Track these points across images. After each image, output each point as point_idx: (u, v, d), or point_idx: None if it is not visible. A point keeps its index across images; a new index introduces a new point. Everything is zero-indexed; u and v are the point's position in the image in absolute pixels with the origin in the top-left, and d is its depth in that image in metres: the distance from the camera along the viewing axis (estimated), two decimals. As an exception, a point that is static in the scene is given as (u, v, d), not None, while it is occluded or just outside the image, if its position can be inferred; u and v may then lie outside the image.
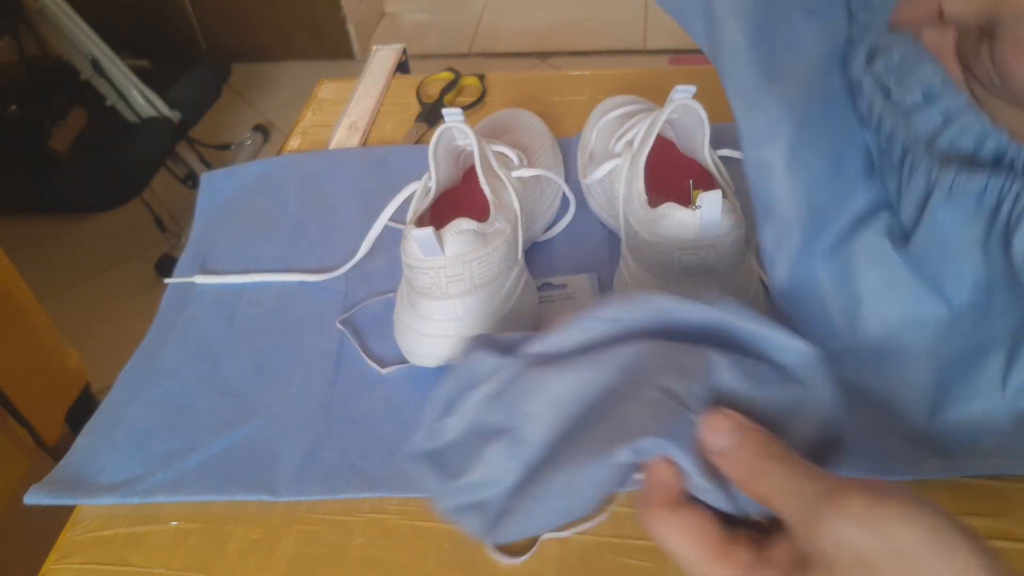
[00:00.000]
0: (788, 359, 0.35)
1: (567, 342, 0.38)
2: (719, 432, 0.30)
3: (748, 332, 0.36)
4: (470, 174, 0.57)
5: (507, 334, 0.41)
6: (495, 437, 0.37)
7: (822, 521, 0.25)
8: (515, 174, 0.55)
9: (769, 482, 0.28)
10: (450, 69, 0.82)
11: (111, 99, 1.75)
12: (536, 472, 0.36)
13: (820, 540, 0.25)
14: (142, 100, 1.77)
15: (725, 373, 0.34)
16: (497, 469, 0.36)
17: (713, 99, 0.52)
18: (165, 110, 1.79)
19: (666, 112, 0.51)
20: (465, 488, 0.37)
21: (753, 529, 0.30)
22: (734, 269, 0.47)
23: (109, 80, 1.72)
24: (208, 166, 1.87)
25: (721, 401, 0.34)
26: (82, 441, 0.51)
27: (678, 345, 0.36)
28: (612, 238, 0.60)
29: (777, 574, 0.26)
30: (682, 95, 0.52)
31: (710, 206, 0.44)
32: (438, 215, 0.53)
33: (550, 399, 0.37)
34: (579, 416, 0.36)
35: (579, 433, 0.36)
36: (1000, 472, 0.43)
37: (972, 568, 0.23)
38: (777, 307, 0.42)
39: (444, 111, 0.52)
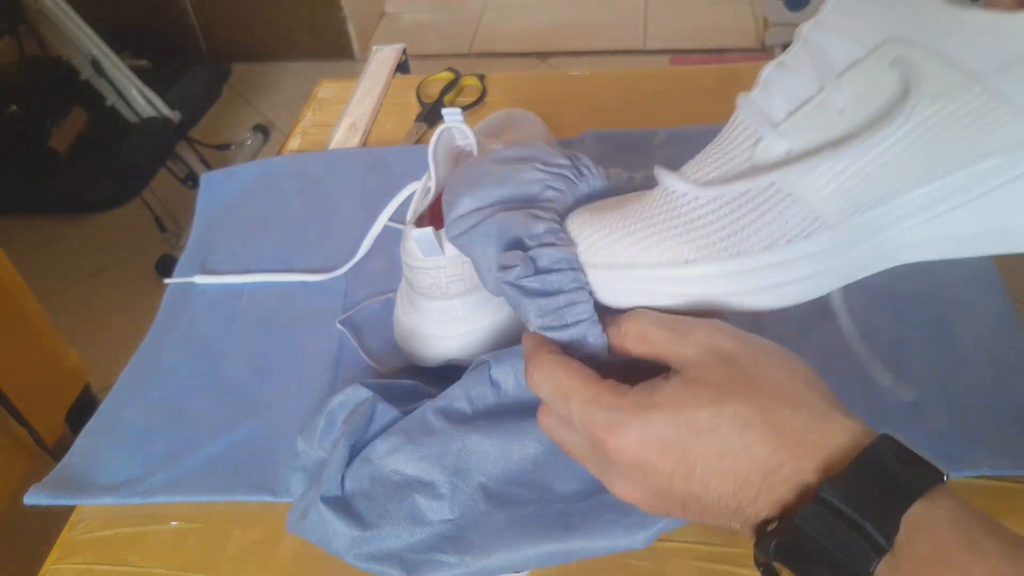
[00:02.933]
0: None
1: (464, 405, 0.42)
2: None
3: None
4: (470, 174, 0.56)
5: (391, 380, 0.46)
6: (413, 489, 0.39)
7: (693, 332, 0.32)
8: (515, 174, 0.55)
9: (649, 319, 0.33)
10: (450, 69, 0.82)
11: (111, 99, 1.75)
12: (463, 530, 0.39)
13: (690, 346, 0.31)
14: (142, 100, 1.77)
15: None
16: (416, 520, 0.39)
17: (714, 99, 0.52)
18: (165, 110, 1.79)
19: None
20: (380, 538, 0.38)
21: None
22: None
23: (109, 80, 1.72)
24: (208, 166, 1.87)
25: None
26: (82, 441, 0.51)
27: None
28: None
29: (648, 383, 0.31)
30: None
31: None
32: (438, 215, 0.53)
33: (473, 460, 0.40)
34: (502, 479, 0.40)
35: (509, 503, 0.40)
36: (1000, 472, 0.43)
37: (804, 365, 0.31)
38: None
39: (444, 111, 0.52)
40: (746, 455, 0.29)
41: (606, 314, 0.35)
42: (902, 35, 0.30)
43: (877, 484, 0.27)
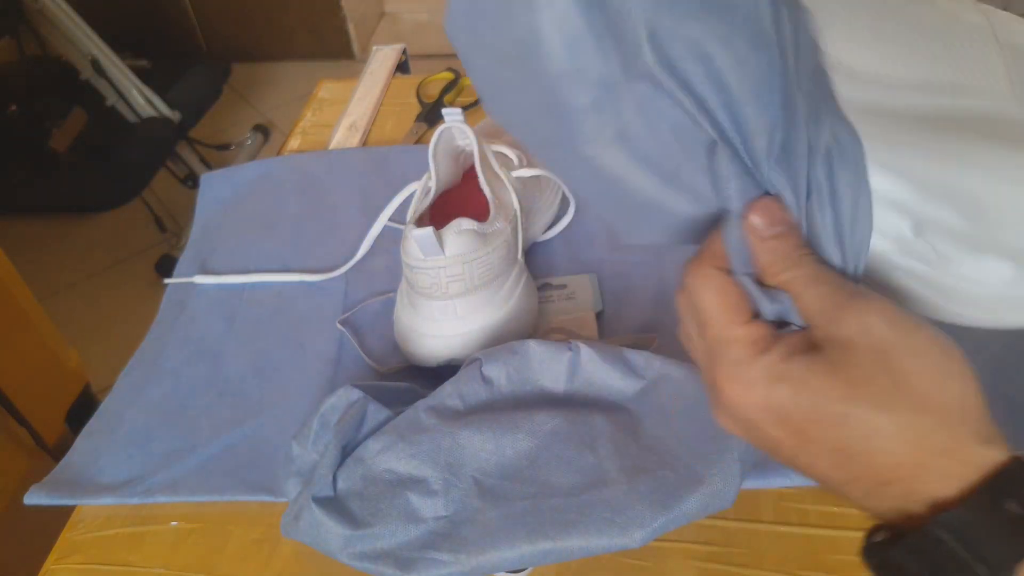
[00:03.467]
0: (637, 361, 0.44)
1: (456, 402, 0.43)
2: (769, 214, 0.30)
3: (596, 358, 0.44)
4: (470, 174, 0.57)
5: (384, 383, 0.47)
6: (406, 487, 0.39)
7: (849, 309, 0.28)
8: (515, 174, 0.55)
9: (803, 272, 0.29)
10: (450, 69, 0.81)
11: (111, 99, 1.75)
12: (457, 528, 0.39)
13: (843, 327, 0.28)
14: (142, 100, 1.77)
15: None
16: (410, 518, 0.39)
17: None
18: (165, 110, 1.79)
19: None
20: (373, 536, 0.38)
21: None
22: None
23: (109, 80, 1.72)
24: (208, 166, 1.87)
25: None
26: (82, 441, 0.51)
27: (571, 418, 0.42)
28: (612, 238, 0.60)
29: (787, 349, 0.28)
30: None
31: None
32: (438, 215, 0.53)
33: (466, 455, 0.41)
34: (496, 475, 0.40)
35: (503, 498, 0.40)
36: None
37: (962, 363, 0.28)
38: None
39: (444, 111, 0.52)
40: (864, 460, 0.27)
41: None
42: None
43: (995, 522, 0.25)
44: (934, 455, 0.26)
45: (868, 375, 0.27)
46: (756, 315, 0.30)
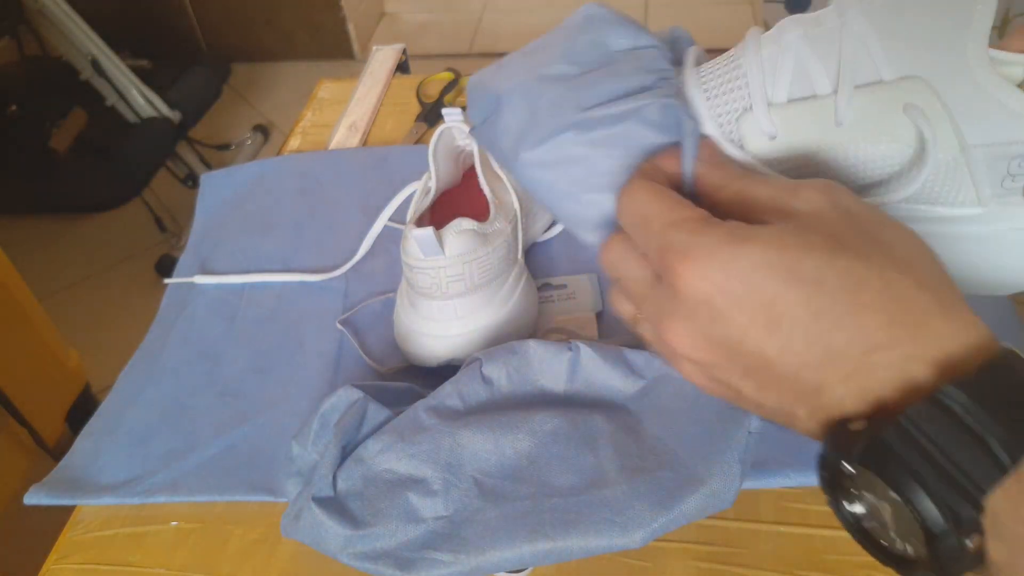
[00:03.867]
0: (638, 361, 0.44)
1: (456, 402, 0.43)
2: (712, 149, 0.31)
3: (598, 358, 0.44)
4: (470, 174, 0.57)
5: (384, 383, 0.47)
6: (406, 487, 0.39)
7: (809, 186, 0.26)
8: (515, 174, 0.55)
9: (752, 177, 0.28)
10: (450, 69, 0.81)
11: (111, 99, 1.75)
12: (457, 527, 0.39)
13: (807, 200, 0.26)
14: (142, 100, 1.77)
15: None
16: (410, 518, 0.39)
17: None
18: (165, 110, 1.79)
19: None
20: (373, 536, 0.38)
21: None
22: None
23: (109, 80, 1.72)
24: (208, 166, 1.87)
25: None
26: (82, 441, 0.51)
27: (572, 417, 0.42)
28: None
29: (739, 223, 0.26)
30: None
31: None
32: (438, 215, 0.53)
33: (466, 455, 0.41)
34: (496, 475, 0.40)
35: (503, 498, 0.40)
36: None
37: (936, 256, 0.26)
38: None
39: (444, 111, 0.52)
40: (851, 321, 0.23)
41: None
42: (932, 80, 0.28)
43: (1008, 396, 0.22)
44: (930, 315, 0.23)
45: (843, 230, 0.25)
46: None
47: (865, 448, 0.23)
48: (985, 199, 0.30)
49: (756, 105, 0.31)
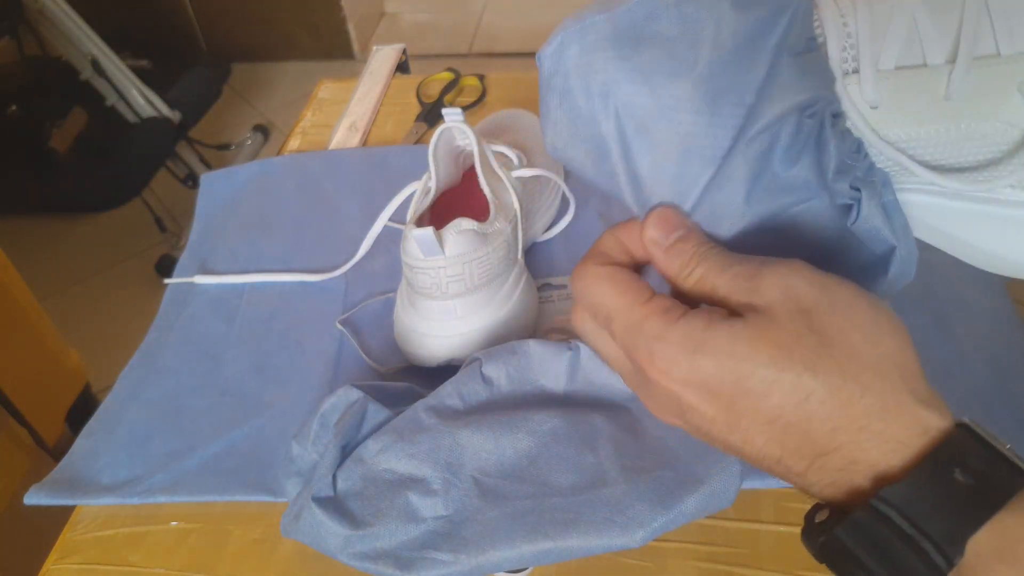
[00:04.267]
0: None
1: (456, 402, 0.43)
2: (666, 223, 0.30)
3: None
4: (470, 174, 0.57)
5: (384, 383, 0.46)
6: (406, 487, 0.39)
7: (765, 275, 0.27)
8: (515, 174, 0.55)
9: (711, 263, 0.28)
10: (450, 69, 0.81)
11: (111, 99, 1.75)
12: (457, 527, 0.39)
13: (762, 293, 0.26)
14: (142, 100, 1.77)
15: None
16: (410, 518, 0.39)
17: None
18: (165, 110, 1.79)
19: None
20: (373, 536, 0.38)
21: None
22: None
23: (109, 80, 1.72)
24: (208, 166, 1.87)
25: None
26: (82, 441, 0.51)
27: (573, 417, 0.42)
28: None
29: (706, 317, 0.27)
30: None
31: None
32: (438, 215, 0.53)
33: (466, 455, 0.41)
34: (496, 474, 0.40)
35: (503, 498, 0.39)
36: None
37: (891, 317, 0.26)
38: None
39: (444, 111, 0.52)
40: (800, 428, 0.25)
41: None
42: None
43: (943, 494, 0.23)
44: (871, 417, 0.25)
45: (793, 336, 0.25)
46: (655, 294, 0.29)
47: (823, 544, 0.26)
48: None
49: (864, 69, 0.28)
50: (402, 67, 0.86)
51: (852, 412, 0.25)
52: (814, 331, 0.25)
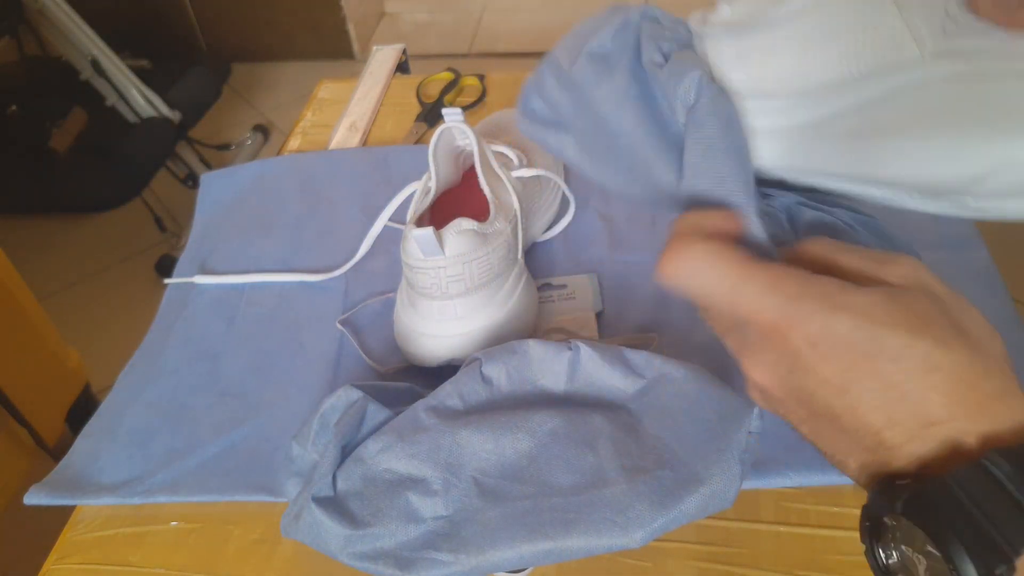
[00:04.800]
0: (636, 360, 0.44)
1: (455, 402, 0.43)
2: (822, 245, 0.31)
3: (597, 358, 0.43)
4: (470, 174, 0.57)
5: (384, 383, 0.46)
6: (406, 487, 0.39)
7: (895, 261, 0.28)
8: (515, 174, 0.55)
9: (833, 242, 0.30)
10: (450, 69, 0.81)
11: (111, 99, 1.75)
12: (457, 527, 0.39)
13: (895, 273, 0.28)
14: (142, 100, 1.77)
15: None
16: (410, 518, 0.39)
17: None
18: (165, 110, 1.79)
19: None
20: (373, 536, 0.38)
21: None
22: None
23: (109, 80, 1.72)
24: (208, 166, 1.87)
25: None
26: (82, 441, 0.51)
27: (572, 418, 0.42)
28: (612, 238, 0.60)
29: (839, 282, 0.28)
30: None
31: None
32: (438, 215, 0.53)
33: (466, 455, 0.41)
34: (496, 474, 0.40)
35: (503, 498, 0.39)
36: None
37: (995, 330, 0.28)
38: None
39: (444, 111, 0.52)
40: (917, 398, 0.26)
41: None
42: None
43: None
44: (992, 399, 0.26)
45: (929, 314, 0.27)
46: None
47: (909, 500, 0.25)
48: None
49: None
50: (402, 67, 0.86)
51: (973, 390, 0.26)
52: (946, 315, 0.27)
